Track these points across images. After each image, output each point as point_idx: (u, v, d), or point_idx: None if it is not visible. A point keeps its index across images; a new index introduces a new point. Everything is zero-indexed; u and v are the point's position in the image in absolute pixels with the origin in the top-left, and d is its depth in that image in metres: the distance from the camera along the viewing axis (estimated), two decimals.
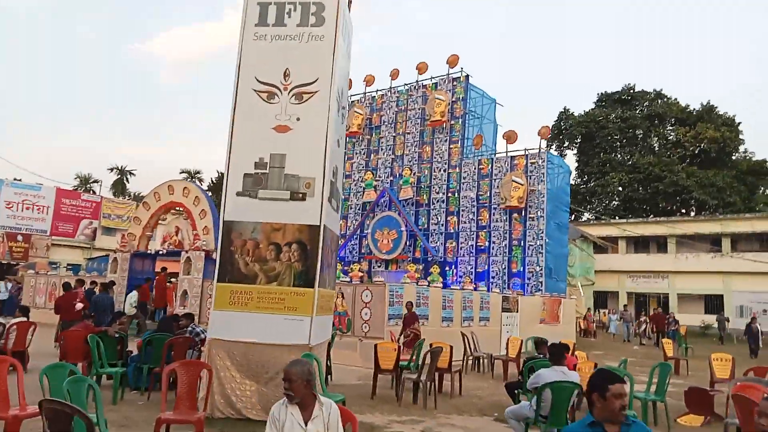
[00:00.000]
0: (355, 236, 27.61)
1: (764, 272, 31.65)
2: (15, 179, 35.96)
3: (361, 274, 23.13)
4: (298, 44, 7.44)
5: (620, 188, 43.22)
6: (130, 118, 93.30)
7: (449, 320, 14.45)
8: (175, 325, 9.02)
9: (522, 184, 22.24)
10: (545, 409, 5.42)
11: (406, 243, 25.39)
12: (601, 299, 38.30)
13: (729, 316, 29.20)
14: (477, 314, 15.55)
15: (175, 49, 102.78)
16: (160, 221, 20.03)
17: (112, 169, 47.66)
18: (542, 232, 22.05)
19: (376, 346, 8.79)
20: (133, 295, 15.71)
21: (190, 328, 8.86)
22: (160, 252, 17.80)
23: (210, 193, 26.72)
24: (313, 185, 7.17)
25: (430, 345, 9.10)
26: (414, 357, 9.51)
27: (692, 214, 41.81)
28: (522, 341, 11.92)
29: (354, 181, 28.29)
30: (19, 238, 33.32)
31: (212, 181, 48.40)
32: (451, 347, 9.14)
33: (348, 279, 15.46)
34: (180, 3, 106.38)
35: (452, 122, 25.32)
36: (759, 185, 43.88)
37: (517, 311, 17.62)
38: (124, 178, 48.17)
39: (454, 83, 25.68)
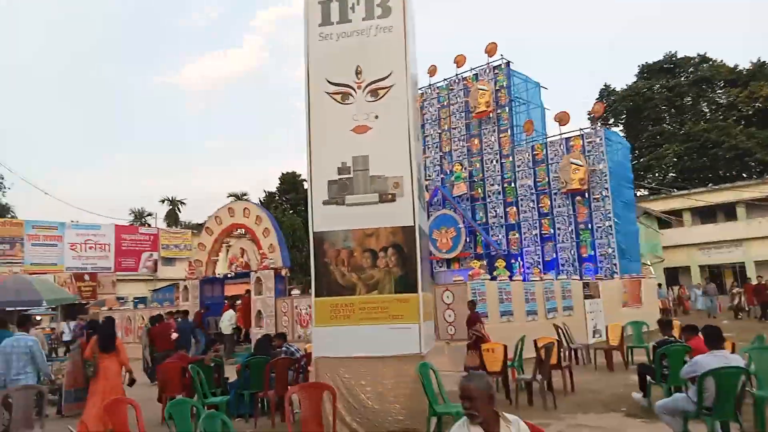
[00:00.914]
0: None
1: None
2: (72, 221, 37.08)
3: None
4: (367, 39, 7.07)
5: (675, 159, 41.39)
6: (166, 149, 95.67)
7: (534, 313, 13.81)
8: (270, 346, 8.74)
9: (582, 166, 21.35)
10: (708, 399, 4.81)
11: (466, 240, 24.77)
12: (672, 276, 36.59)
13: None
14: (560, 304, 14.84)
15: (200, 78, 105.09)
16: (224, 244, 20.03)
17: (163, 201, 48.72)
18: (609, 213, 21.10)
19: (480, 347, 8.28)
20: (231, 315, 15.95)
21: (284, 348, 8.56)
22: (229, 275, 17.75)
23: None
24: (401, 184, 6.76)
25: (535, 341, 8.55)
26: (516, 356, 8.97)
27: (760, 177, 39.57)
28: (623, 327, 11.17)
29: None
30: (86, 277, 34.23)
31: (260, 201, 48.81)
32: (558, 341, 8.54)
33: None
34: (200, 34, 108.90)
35: (498, 111, 24.63)
36: None
37: (599, 296, 16.79)
38: (176, 209, 49.10)
39: (496, 72, 25.00)
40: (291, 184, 47.62)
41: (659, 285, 28.74)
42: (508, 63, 24.66)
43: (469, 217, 24.97)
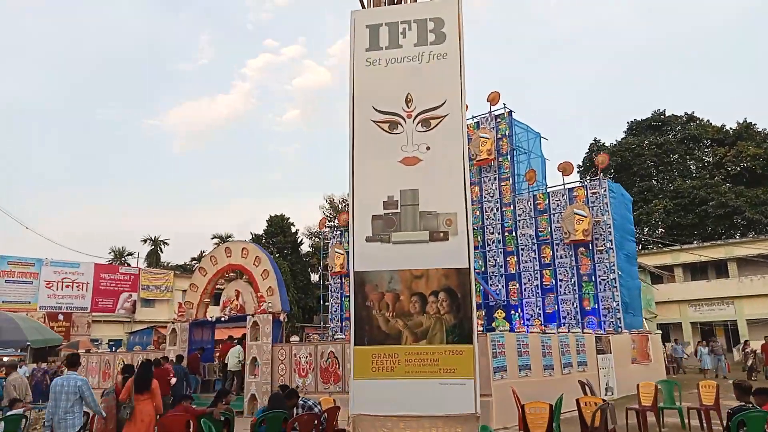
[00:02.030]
0: None
1: None
2: (47, 259, 35.47)
3: None
4: (419, 65, 6.58)
5: (665, 215, 41.65)
6: (150, 191, 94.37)
7: (550, 368, 13.08)
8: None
9: (585, 216, 21.04)
10: None
11: None
12: (664, 333, 36.12)
13: None
14: (575, 359, 14.14)
15: (187, 122, 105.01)
16: (218, 286, 19.05)
17: (145, 240, 47.32)
18: (613, 265, 20.66)
19: (522, 408, 7.52)
20: (239, 350, 15.29)
21: (301, 402, 7.69)
22: (222, 318, 16.74)
23: None
24: (455, 222, 6.14)
25: (577, 401, 7.83)
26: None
27: (749, 235, 39.93)
28: (656, 386, 10.48)
29: None
30: (60, 317, 32.59)
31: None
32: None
33: None
34: (190, 79, 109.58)
35: (500, 159, 24.45)
36: None
37: (610, 352, 16.12)
38: (158, 248, 47.74)
39: (498, 120, 24.96)
40: (278, 227, 46.79)
41: (676, 341, 28.33)
42: (510, 112, 24.66)
43: None
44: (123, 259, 45.85)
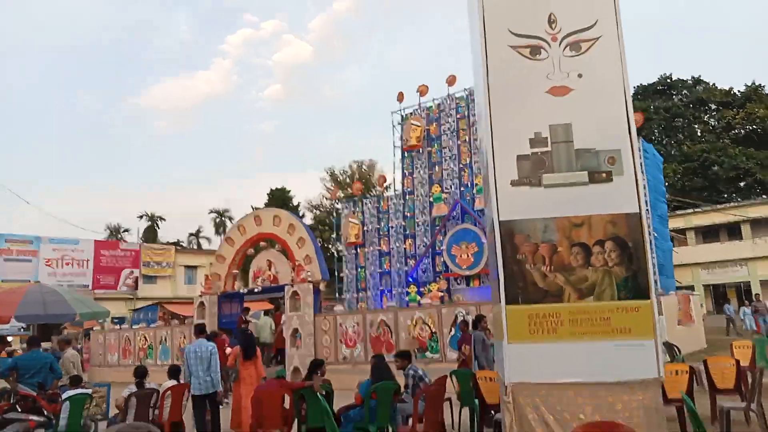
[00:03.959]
0: (427, 255, 25.62)
1: None
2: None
3: (441, 294, 21.21)
4: None
5: (675, 179, 41.26)
6: (138, 169, 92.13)
7: None
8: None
9: None
10: None
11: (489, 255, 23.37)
12: None
13: None
14: None
15: (168, 100, 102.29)
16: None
17: (141, 216, 45.99)
18: (650, 227, 20.06)
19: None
20: (270, 322, 14.52)
21: (412, 372, 6.89)
22: (255, 290, 15.84)
23: None
24: (619, 159, 5.30)
25: (704, 361, 7.12)
26: None
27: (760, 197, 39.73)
28: (753, 344, 9.85)
29: (418, 197, 26.39)
30: None
31: None
32: None
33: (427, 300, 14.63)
34: (169, 56, 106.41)
35: None
36: None
37: (662, 313, 15.55)
38: (155, 225, 46.43)
39: None
40: (280, 200, 45.67)
41: (728, 300, 28.01)
42: None
43: None
44: (119, 236, 44.55)
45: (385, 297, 25.19)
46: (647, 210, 20.66)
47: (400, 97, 27.41)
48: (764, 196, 37.55)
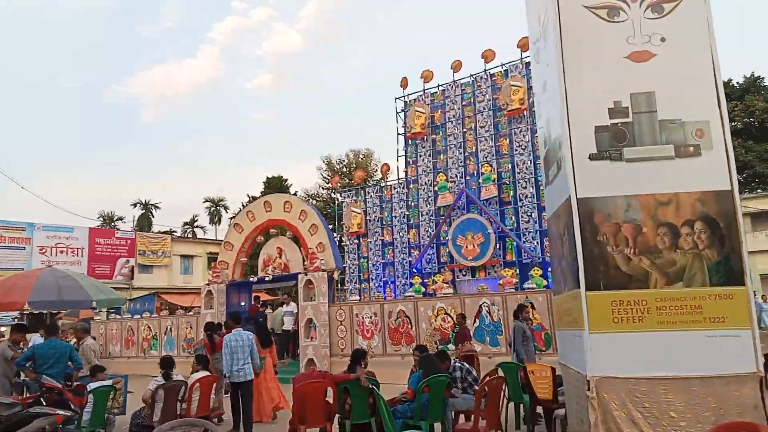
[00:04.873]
0: (432, 246, 25.17)
1: None
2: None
3: (446, 285, 20.79)
4: None
5: None
6: (124, 159, 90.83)
7: None
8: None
9: None
10: None
11: (495, 246, 22.96)
12: None
13: None
14: None
15: (154, 87, 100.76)
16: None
17: (135, 204, 45.11)
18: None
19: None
20: (282, 313, 14.11)
21: (459, 365, 6.42)
22: (266, 278, 15.29)
23: None
24: (707, 132, 4.82)
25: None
26: None
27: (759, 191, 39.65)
28: None
29: (422, 185, 25.89)
30: None
31: (243, 205, 45.94)
32: None
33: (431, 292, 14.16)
34: (155, 43, 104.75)
35: (533, 109, 23.06)
36: None
37: None
38: (149, 213, 45.60)
39: (529, 68, 23.48)
40: (277, 188, 44.95)
41: (763, 297, 27.74)
42: None
43: (499, 221, 23.20)
44: (113, 224, 43.71)
45: (389, 288, 24.74)
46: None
47: (404, 83, 26.72)
48: (759, 190, 37.45)
